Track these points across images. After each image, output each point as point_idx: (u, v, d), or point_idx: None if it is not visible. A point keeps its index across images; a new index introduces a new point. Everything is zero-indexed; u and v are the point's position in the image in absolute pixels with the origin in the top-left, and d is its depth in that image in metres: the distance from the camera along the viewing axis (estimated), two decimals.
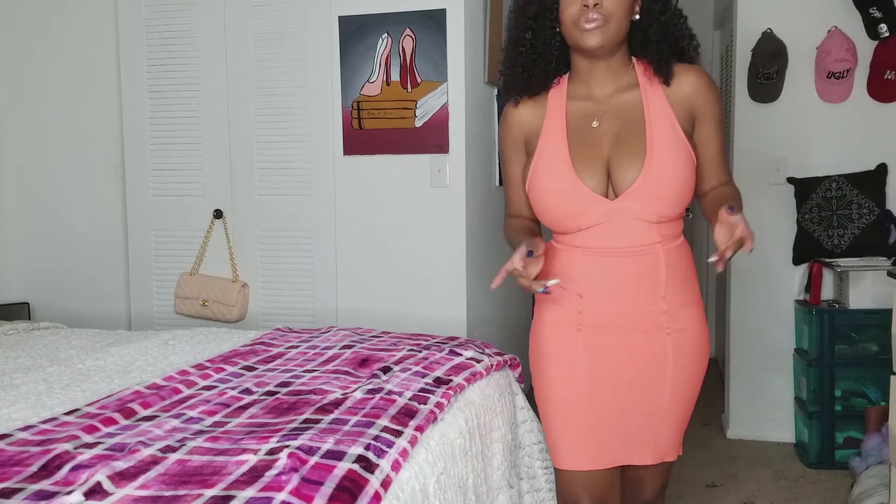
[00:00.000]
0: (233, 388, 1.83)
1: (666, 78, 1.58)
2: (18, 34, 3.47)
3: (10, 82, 3.50)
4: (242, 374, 1.98)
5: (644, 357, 1.60)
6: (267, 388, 1.83)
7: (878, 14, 3.16)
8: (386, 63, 3.02)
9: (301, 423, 1.54)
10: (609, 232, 1.55)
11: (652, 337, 1.59)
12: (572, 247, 1.60)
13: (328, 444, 1.39)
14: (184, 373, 1.98)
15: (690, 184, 1.58)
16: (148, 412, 1.67)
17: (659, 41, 1.57)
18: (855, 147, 3.29)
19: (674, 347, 1.60)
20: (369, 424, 1.52)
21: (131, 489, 1.23)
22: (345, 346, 2.24)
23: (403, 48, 3.00)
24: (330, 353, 2.19)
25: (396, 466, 1.39)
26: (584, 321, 1.60)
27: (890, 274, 2.30)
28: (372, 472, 1.32)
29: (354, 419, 1.56)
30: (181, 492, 1.22)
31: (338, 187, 3.12)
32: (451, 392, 1.81)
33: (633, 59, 1.62)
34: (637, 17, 1.57)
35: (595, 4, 1.49)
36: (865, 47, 3.22)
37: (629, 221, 1.54)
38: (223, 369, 2.02)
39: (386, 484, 1.32)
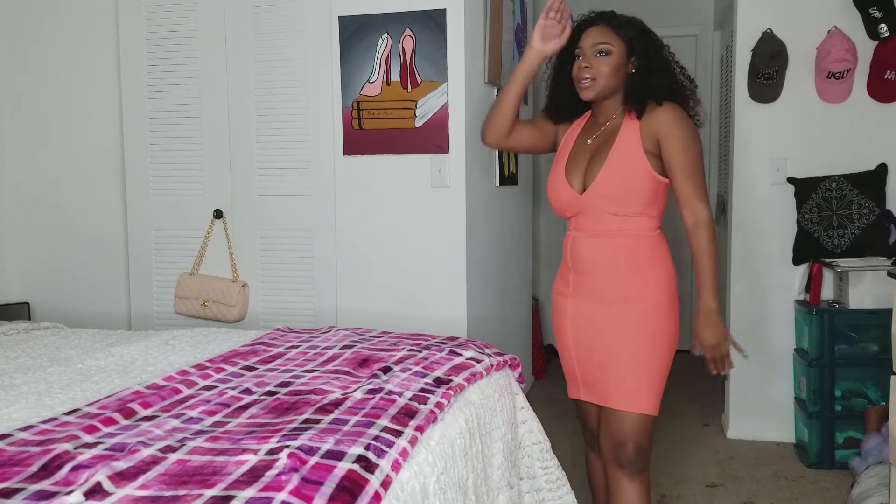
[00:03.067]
0: (233, 388, 1.83)
1: (638, 114, 2.03)
2: (18, 34, 3.47)
3: (11, 82, 3.50)
4: (242, 374, 1.98)
5: (609, 319, 2.02)
6: (267, 388, 1.83)
7: (878, 14, 3.16)
8: (386, 63, 3.02)
9: (301, 424, 1.54)
10: (585, 218, 2.05)
11: (617, 307, 2.01)
12: (568, 231, 2.13)
13: (328, 445, 1.39)
14: (184, 373, 1.98)
15: (642, 189, 1.98)
16: (148, 412, 1.67)
17: (637, 90, 2.02)
18: (855, 147, 3.29)
19: (635, 314, 2.00)
20: (369, 424, 1.52)
21: (131, 489, 1.23)
22: (345, 346, 2.24)
23: (403, 48, 3.00)
24: (330, 353, 2.19)
25: (396, 466, 1.39)
26: (573, 292, 2.10)
27: (890, 274, 2.30)
28: (372, 472, 1.32)
29: (354, 419, 1.56)
30: (181, 492, 1.22)
31: (338, 187, 3.12)
32: (451, 392, 1.81)
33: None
34: (633, 70, 2.04)
35: (586, 67, 2.02)
36: (865, 47, 3.22)
37: (596, 212, 2.02)
38: (223, 369, 2.02)
39: (386, 484, 1.32)
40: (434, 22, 2.96)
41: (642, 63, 2.02)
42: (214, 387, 1.86)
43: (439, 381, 1.88)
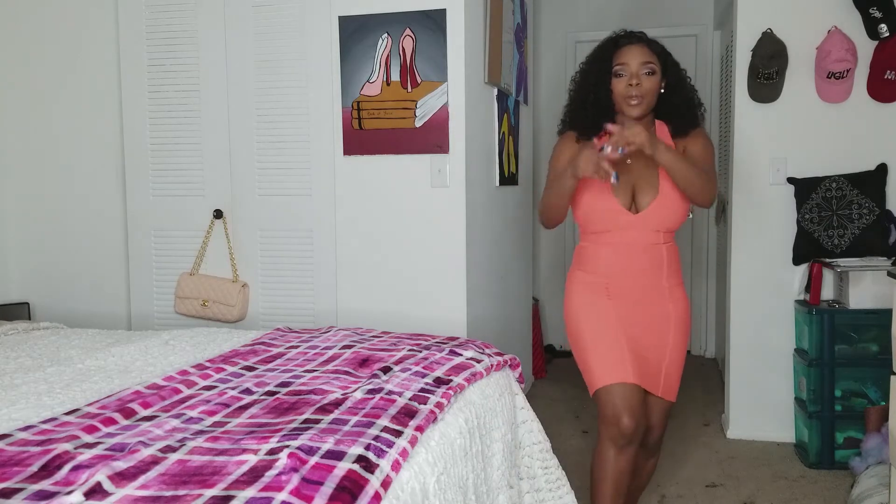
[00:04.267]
0: (233, 388, 1.83)
1: (682, 136, 2.20)
2: (19, 35, 3.47)
3: (11, 83, 3.50)
4: (242, 374, 1.98)
5: (655, 318, 2.20)
6: (267, 388, 1.83)
7: (878, 14, 3.16)
8: (386, 63, 3.02)
9: (301, 424, 1.54)
10: (629, 236, 2.16)
11: (659, 304, 2.20)
12: (599, 244, 2.21)
13: (328, 445, 1.39)
14: (184, 373, 1.98)
15: (687, 205, 2.19)
16: (148, 412, 1.67)
17: (679, 107, 2.18)
18: (855, 147, 3.29)
19: (674, 311, 2.22)
20: (369, 424, 1.52)
21: (131, 489, 1.23)
22: (345, 346, 2.24)
23: (403, 48, 3.00)
24: (330, 353, 2.19)
25: (396, 466, 1.39)
26: (611, 293, 2.19)
27: (890, 274, 2.30)
28: (372, 472, 1.32)
29: (354, 419, 1.56)
30: (181, 492, 1.22)
31: (338, 187, 3.12)
32: (451, 392, 1.81)
33: (656, 120, 2.22)
34: (663, 90, 2.16)
35: (637, 84, 2.10)
36: (865, 47, 3.22)
37: (644, 230, 2.16)
38: (223, 369, 2.02)
39: (386, 484, 1.32)
40: (434, 22, 2.96)
41: (674, 82, 2.17)
42: (214, 387, 1.87)
43: (439, 381, 1.88)
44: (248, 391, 1.81)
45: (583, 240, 2.27)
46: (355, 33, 3.04)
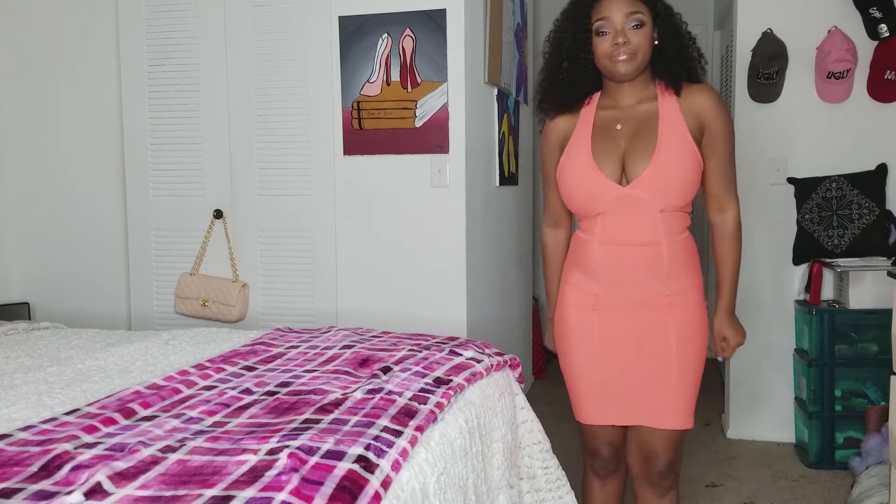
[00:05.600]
0: (233, 388, 1.83)
1: (676, 89, 1.85)
2: (19, 34, 3.47)
3: (11, 83, 3.50)
4: (242, 374, 1.98)
5: (648, 330, 1.87)
6: (267, 388, 1.83)
7: (878, 14, 3.16)
8: (386, 63, 3.02)
9: (301, 424, 1.54)
10: (621, 219, 1.82)
11: (655, 314, 1.87)
12: (592, 235, 1.88)
13: (328, 445, 1.39)
14: (184, 373, 1.98)
15: (693, 179, 1.83)
16: (148, 412, 1.67)
17: (672, 61, 1.85)
18: (855, 147, 3.29)
19: (675, 323, 1.87)
20: (369, 424, 1.52)
21: (131, 489, 1.23)
22: (345, 346, 2.24)
23: (403, 48, 3.00)
24: (330, 353, 2.19)
25: (396, 466, 1.39)
26: (598, 303, 1.91)
27: (890, 274, 2.30)
28: (372, 472, 1.32)
29: (354, 419, 1.56)
30: (181, 492, 1.22)
31: (338, 187, 3.12)
32: (451, 392, 1.81)
33: (656, 78, 1.89)
34: (656, 42, 1.84)
35: (625, 42, 1.78)
36: (865, 47, 3.22)
37: (638, 208, 1.81)
38: (223, 369, 2.02)
39: (386, 484, 1.32)
40: (434, 22, 2.96)
41: (668, 32, 1.84)
42: (214, 387, 1.86)
43: (439, 381, 1.88)
44: (248, 391, 1.81)
45: (579, 226, 1.97)
46: (355, 33, 3.04)
